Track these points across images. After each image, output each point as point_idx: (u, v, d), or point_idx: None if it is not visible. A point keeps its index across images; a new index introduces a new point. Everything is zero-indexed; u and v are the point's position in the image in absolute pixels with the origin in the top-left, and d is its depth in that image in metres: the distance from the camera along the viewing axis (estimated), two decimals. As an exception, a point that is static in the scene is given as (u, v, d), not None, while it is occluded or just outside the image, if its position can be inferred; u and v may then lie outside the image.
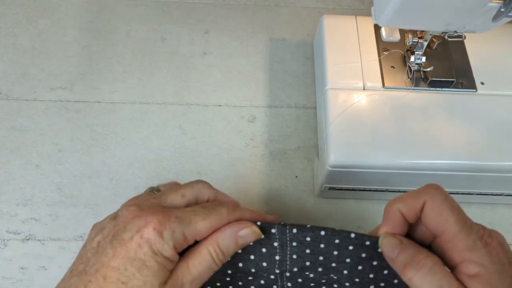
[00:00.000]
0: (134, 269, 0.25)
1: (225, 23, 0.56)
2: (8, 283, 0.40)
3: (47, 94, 0.49)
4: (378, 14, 0.37)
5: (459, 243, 0.25)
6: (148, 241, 0.25)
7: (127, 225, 0.26)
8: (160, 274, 0.25)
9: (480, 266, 0.24)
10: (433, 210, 0.26)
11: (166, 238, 0.26)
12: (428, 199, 0.26)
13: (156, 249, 0.25)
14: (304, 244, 0.28)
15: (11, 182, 0.44)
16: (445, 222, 0.25)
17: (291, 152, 0.47)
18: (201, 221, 0.27)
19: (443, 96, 0.41)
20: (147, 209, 0.27)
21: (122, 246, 0.25)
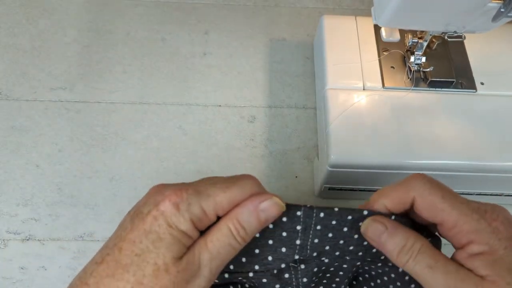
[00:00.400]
0: (148, 242, 0.24)
1: (225, 23, 0.56)
2: (8, 283, 0.40)
3: (47, 94, 0.49)
4: (378, 14, 0.37)
5: (462, 227, 0.24)
6: (164, 213, 0.24)
7: (148, 200, 0.26)
8: (175, 248, 0.24)
9: (486, 245, 0.24)
10: (425, 204, 0.25)
11: (182, 211, 0.24)
12: (416, 195, 0.25)
13: (172, 222, 0.24)
14: (328, 228, 0.27)
15: (11, 182, 0.44)
16: (441, 212, 0.25)
17: (291, 152, 0.47)
18: (221, 193, 0.25)
19: (443, 96, 0.42)
20: (171, 185, 0.26)
21: (140, 220, 0.25)
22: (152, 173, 0.45)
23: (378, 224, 0.26)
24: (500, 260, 0.23)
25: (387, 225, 0.26)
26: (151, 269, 0.23)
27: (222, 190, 0.25)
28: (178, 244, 0.24)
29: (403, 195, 0.26)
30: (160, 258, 0.24)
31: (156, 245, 0.24)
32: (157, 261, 0.24)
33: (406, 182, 0.26)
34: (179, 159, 0.46)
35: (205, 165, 0.46)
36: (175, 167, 0.46)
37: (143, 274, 0.23)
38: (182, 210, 0.24)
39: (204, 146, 0.47)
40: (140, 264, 0.24)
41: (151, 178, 0.45)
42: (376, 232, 0.26)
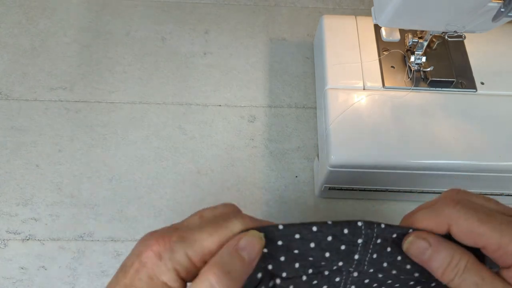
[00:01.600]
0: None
1: (225, 23, 0.56)
2: (8, 283, 0.40)
3: (47, 94, 0.49)
4: (378, 14, 0.37)
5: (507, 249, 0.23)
6: (146, 265, 0.23)
7: (133, 251, 0.24)
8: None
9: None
10: (462, 231, 0.24)
11: (164, 259, 0.23)
12: (453, 222, 0.24)
13: (153, 273, 0.23)
14: (388, 241, 0.26)
15: (11, 182, 0.44)
16: (481, 237, 0.23)
17: (291, 152, 0.47)
18: (208, 237, 0.23)
19: (443, 96, 0.41)
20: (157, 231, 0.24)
21: (123, 273, 0.23)
22: (152, 173, 0.45)
23: (421, 241, 0.25)
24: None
25: (431, 241, 0.24)
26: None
27: (209, 234, 0.23)
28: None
29: (436, 224, 0.25)
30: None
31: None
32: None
33: (438, 210, 0.25)
34: (179, 159, 0.46)
35: (205, 165, 0.46)
36: (175, 167, 0.46)
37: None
38: (164, 259, 0.23)
39: (204, 146, 0.47)
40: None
41: (151, 178, 0.45)
42: (420, 249, 0.25)
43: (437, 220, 0.25)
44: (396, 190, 0.43)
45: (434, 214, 0.25)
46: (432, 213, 0.25)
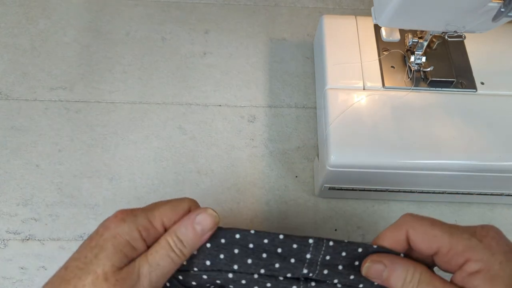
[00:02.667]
0: (92, 255, 0.25)
1: (225, 23, 0.56)
2: (8, 283, 0.40)
3: (47, 94, 0.49)
4: (378, 14, 0.37)
5: (457, 249, 0.25)
6: (109, 227, 0.26)
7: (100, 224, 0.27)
8: (115, 257, 0.25)
9: (481, 262, 0.24)
10: (418, 235, 0.26)
11: (128, 222, 0.26)
12: (409, 228, 0.27)
13: (116, 233, 0.25)
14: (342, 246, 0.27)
15: (11, 182, 0.44)
16: (434, 238, 0.26)
17: (291, 152, 0.47)
18: (163, 205, 0.28)
19: (443, 96, 0.41)
20: None
21: (88, 239, 0.26)
22: (152, 173, 0.45)
23: (377, 264, 0.27)
24: (497, 276, 0.24)
25: (386, 263, 0.27)
26: (90, 278, 0.24)
27: (163, 203, 0.28)
28: (119, 253, 0.25)
29: (397, 233, 0.27)
30: (100, 267, 0.25)
31: (98, 256, 0.25)
32: (97, 270, 0.24)
33: (397, 222, 0.28)
34: (179, 159, 0.46)
35: (205, 165, 0.46)
36: (175, 167, 0.46)
37: (82, 284, 0.24)
38: (127, 222, 0.26)
39: (204, 146, 0.47)
40: (82, 276, 0.24)
41: (151, 178, 0.45)
42: (377, 272, 0.27)
43: (397, 230, 0.27)
44: (396, 190, 0.43)
45: (394, 226, 0.28)
46: (392, 226, 0.28)
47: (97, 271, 0.24)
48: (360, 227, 0.44)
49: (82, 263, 0.25)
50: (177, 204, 0.28)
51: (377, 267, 0.27)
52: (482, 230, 0.25)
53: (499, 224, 0.26)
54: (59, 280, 0.25)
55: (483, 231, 0.25)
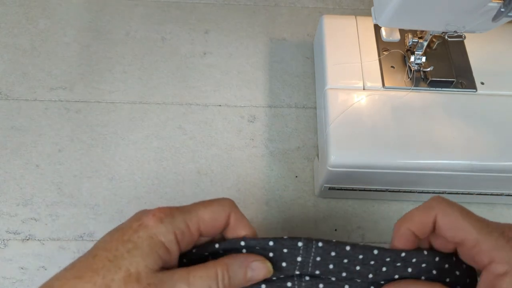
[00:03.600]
0: (124, 250, 0.24)
1: (225, 23, 0.56)
2: (8, 283, 0.40)
3: (47, 94, 0.49)
4: (378, 14, 0.37)
5: (482, 246, 0.24)
6: (146, 226, 0.25)
7: (131, 218, 0.26)
8: (150, 258, 0.24)
9: (507, 264, 0.24)
10: (446, 223, 0.26)
11: (165, 223, 0.25)
12: (439, 213, 0.26)
13: (152, 233, 0.24)
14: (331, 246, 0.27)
15: (11, 182, 0.44)
16: (462, 231, 0.25)
17: (291, 152, 0.47)
18: (202, 208, 0.26)
19: (443, 96, 0.41)
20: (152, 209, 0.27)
21: (119, 231, 0.25)
22: (152, 173, 0.45)
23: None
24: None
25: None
26: (121, 274, 0.23)
27: (203, 205, 0.27)
28: (154, 255, 0.24)
29: (425, 216, 0.26)
30: (133, 266, 0.23)
31: (131, 253, 0.24)
32: (130, 267, 0.23)
33: (427, 204, 0.27)
34: (179, 159, 0.46)
35: (205, 165, 0.46)
36: (175, 167, 0.46)
37: (112, 278, 0.23)
38: (165, 223, 0.25)
39: (204, 146, 0.47)
40: (112, 268, 0.23)
41: (151, 178, 0.45)
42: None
43: (425, 212, 0.26)
44: (396, 190, 0.43)
45: (423, 208, 0.27)
46: (421, 208, 0.27)
47: (130, 268, 0.23)
48: (360, 227, 0.44)
49: (113, 256, 0.24)
50: (217, 210, 0.27)
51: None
52: (510, 230, 0.25)
53: (499, 224, 0.26)
54: (85, 267, 0.24)
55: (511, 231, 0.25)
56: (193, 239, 0.26)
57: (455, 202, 0.26)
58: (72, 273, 0.24)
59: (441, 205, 0.26)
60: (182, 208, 0.26)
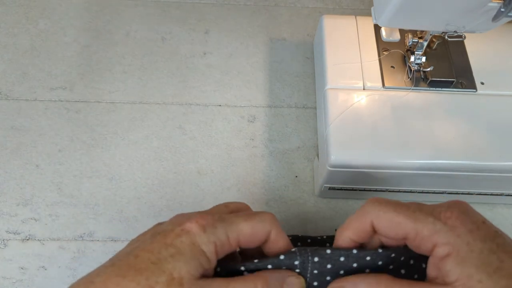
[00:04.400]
0: (167, 253, 0.24)
1: (225, 23, 0.56)
2: (8, 283, 0.40)
3: (47, 94, 0.49)
4: (378, 14, 0.37)
5: (423, 234, 0.24)
6: (189, 232, 0.25)
7: (172, 221, 0.26)
8: (193, 264, 0.24)
9: (448, 245, 0.24)
10: (383, 224, 0.26)
11: (207, 233, 0.25)
12: (373, 217, 0.26)
13: (195, 241, 0.25)
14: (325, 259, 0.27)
15: (11, 182, 0.44)
16: (400, 227, 0.25)
17: (291, 152, 0.47)
18: (243, 222, 0.26)
19: (443, 96, 0.41)
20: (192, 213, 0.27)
21: (162, 235, 0.25)
22: (152, 173, 0.45)
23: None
24: (467, 258, 0.23)
25: (346, 285, 0.26)
26: (165, 278, 0.23)
27: (244, 219, 0.27)
28: (197, 261, 0.24)
29: (361, 222, 0.27)
30: (177, 271, 0.24)
31: (175, 257, 0.24)
32: (173, 272, 0.23)
33: (361, 210, 0.27)
34: (179, 159, 0.46)
35: (205, 165, 0.46)
36: (175, 167, 0.46)
37: (156, 281, 0.23)
38: (207, 232, 0.25)
39: (204, 146, 0.47)
40: (155, 271, 0.23)
41: (151, 178, 0.45)
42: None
43: (362, 220, 0.27)
44: (396, 190, 0.43)
45: (358, 215, 0.27)
46: (357, 215, 0.27)
47: (173, 273, 0.23)
48: (360, 227, 0.44)
49: (156, 258, 0.24)
50: (259, 225, 0.27)
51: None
52: (447, 211, 0.25)
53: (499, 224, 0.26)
54: (127, 266, 0.24)
55: (448, 212, 0.25)
56: (231, 250, 0.27)
57: (389, 200, 0.27)
58: (114, 271, 0.24)
59: (375, 208, 0.26)
60: (224, 219, 0.26)
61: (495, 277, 0.22)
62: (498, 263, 0.23)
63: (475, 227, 0.24)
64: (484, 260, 0.23)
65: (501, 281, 0.22)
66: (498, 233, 0.24)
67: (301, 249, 0.28)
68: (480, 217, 0.25)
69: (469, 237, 0.24)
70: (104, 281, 0.23)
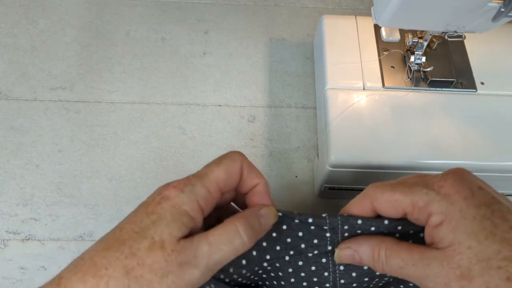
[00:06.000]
0: (149, 221, 0.25)
1: (225, 23, 0.56)
2: (8, 283, 0.40)
3: (47, 94, 0.49)
4: (378, 14, 0.37)
5: (418, 205, 0.25)
6: (168, 197, 0.25)
7: (153, 192, 0.27)
8: (174, 226, 0.24)
9: (441, 214, 0.24)
10: (382, 204, 0.26)
11: (186, 192, 0.25)
12: (373, 199, 0.27)
13: (175, 203, 0.25)
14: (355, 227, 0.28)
15: (11, 182, 0.44)
16: (397, 203, 0.26)
17: (291, 152, 0.47)
18: (216, 168, 0.27)
19: (443, 96, 0.41)
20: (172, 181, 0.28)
21: (143, 207, 0.26)
22: (152, 173, 0.45)
23: (345, 250, 0.27)
24: (459, 225, 0.23)
25: (352, 246, 0.27)
26: (147, 243, 0.24)
27: (216, 165, 0.27)
28: (178, 222, 0.25)
29: (362, 205, 0.27)
30: (158, 234, 0.24)
31: (156, 223, 0.25)
32: (154, 236, 0.24)
33: (361, 194, 0.28)
34: (179, 159, 0.46)
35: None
36: (175, 167, 0.46)
37: (138, 248, 0.24)
38: (186, 192, 0.25)
39: (204, 146, 0.47)
40: (137, 239, 0.24)
41: (151, 178, 0.45)
42: (349, 257, 0.27)
43: (362, 203, 0.27)
44: (396, 190, 0.42)
45: (359, 199, 0.28)
46: (357, 199, 0.28)
47: (154, 237, 0.24)
48: (360, 227, 0.44)
49: (138, 227, 0.25)
50: (231, 165, 0.27)
51: (347, 253, 0.27)
52: (441, 179, 0.25)
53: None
54: (112, 239, 0.25)
55: (441, 180, 0.25)
56: (215, 200, 0.27)
57: (387, 182, 0.27)
58: (101, 246, 0.25)
59: (372, 189, 0.27)
60: (198, 174, 0.27)
61: (486, 243, 0.23)
62: (492, 228, 0.23)
63: (470, 194, 0.24)
64: (476, 226, 0.23)
65: (493, 246, 0.22)
66: (495, 198, 0.24)
67: (331, 215, 0.28)
68: (477, 183, 0.25)
69: (463, 204, 0.24)
70: (91, 257, 0.24)
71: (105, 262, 0.23)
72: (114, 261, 0.23)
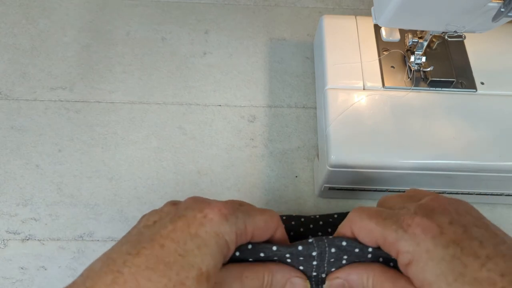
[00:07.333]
0: (193, 245, 0.24)
1: (225, 23, 0.56)
2: (8, 283, 0.40)
3: (47, 94, 0.49)
4: (378, 14, 0.37)
5: (389, 241, 0.25)
6: (212, 221, 0.24)
7: (191, 206, 0.26)
8: (218, 257, 0.24)
9: (408, 253, 0.24)
10: (359, 230, 0.26)
11: (230, 222, 0.25)
12: (352, 224, 0.27)
13: (219, 231, 0.24)
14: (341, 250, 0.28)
15: (11, 182, 0.44)
16: (371, 232, 0.25)
17: (291, 152, 0.47)
18: (259, 215, 0.27)
19: (443, 96, 0.41)
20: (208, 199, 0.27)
21: (183, 221, 0.25)
22: (152, 173, 0.45)
23: (335, 281, 0.28)
24: (427, 267, 0.23)
25: (341, 276, 0.27)
26: (195, 273, 0.23)
27: (260, 212, 0.27)
28: (221, 254, 0.24)
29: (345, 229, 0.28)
30: (205, 265, 0.23)
31: (201, 250, 0.24)
32: (202, 266, 0.23)
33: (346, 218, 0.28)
34: (179, 159, 0.46)
35: (205, 165, 0.46)
36: (175, 167, 0.46)
37: (186, 276, 0.23)
38: (230, 222, 0.25)
39: (204, 146, 0.47)
40: (185, 265, 0.23)
41: (151, 178, 0.45)
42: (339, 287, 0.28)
43: (346, 225, 0.27)
44: (396, 190, 0.42)
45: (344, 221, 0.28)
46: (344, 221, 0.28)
47: (202, 267, 0.23)
48: (360, 227, 0.44)
49: (182, 249, 0.23)
50: (270, 220, 0.28)
51: (337, 283, 0.27)
52: (410, 217, 0.24)
53: (499, 225, 0.26)
54: (155, 258, 0.23)
55: (409, 219, 0.24)
56: (246, 241, 0.27)
57: (370, 208, 0.27)
58: (142, 262, 0.23)
59: (355, 215, 0.27)
60: (242, 210, 0.27)
61: (455, 285, 0.22)
62: (461, 268, 0.22)
63: (438, 232, 0.23)
64: (444, 268, 0.22)
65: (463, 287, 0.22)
66: (467, 232, 0.23)
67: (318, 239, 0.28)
68: (447, 217, 0.24)
69: (430, 244, 0.23)
70: (134, 274, 0.22)
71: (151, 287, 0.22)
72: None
